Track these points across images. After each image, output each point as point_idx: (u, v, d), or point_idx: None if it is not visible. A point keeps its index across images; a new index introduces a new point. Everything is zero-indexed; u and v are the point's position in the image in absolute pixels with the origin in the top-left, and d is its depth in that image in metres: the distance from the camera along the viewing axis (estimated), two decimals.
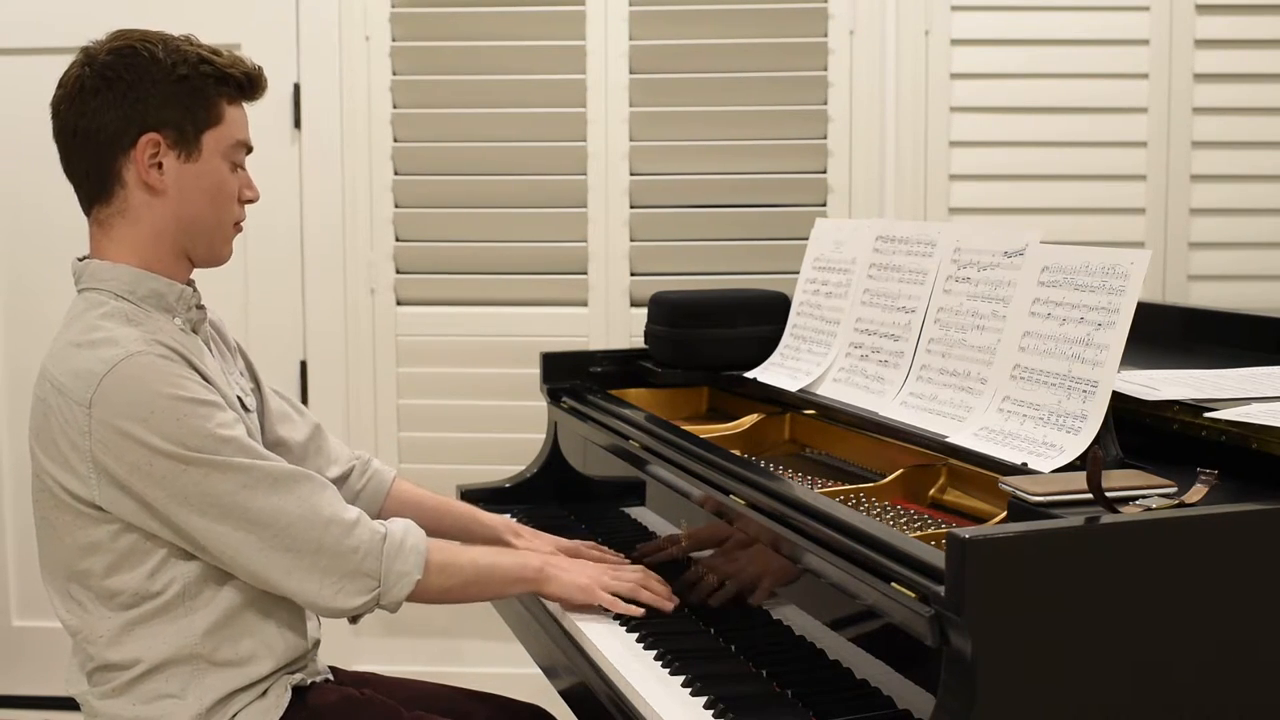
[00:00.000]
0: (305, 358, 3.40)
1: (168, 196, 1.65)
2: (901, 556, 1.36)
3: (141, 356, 1.55)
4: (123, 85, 1.62)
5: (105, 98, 1.62)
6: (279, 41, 3.31)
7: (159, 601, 1.61)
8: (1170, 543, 1.32)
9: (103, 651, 1.62)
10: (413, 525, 1.71)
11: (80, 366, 1.56)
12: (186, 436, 1.54)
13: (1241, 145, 3.23)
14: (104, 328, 1.59)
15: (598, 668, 1.71)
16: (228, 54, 1.69)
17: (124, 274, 1.64)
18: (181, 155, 1.65)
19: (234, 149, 1.69)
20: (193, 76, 1.64)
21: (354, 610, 1.65)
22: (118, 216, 1.65)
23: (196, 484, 1.56)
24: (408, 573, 1.65)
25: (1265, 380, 1.74)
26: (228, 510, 1.57)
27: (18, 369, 3.43)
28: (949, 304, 1.89)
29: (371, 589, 1.64)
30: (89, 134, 1.63)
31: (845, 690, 1.47)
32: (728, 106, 3.26)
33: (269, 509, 1.58)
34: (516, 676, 2.52)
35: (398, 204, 3.36)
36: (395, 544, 1.65)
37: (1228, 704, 1.35)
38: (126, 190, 1.64)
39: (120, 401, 1.53)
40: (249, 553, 1.59)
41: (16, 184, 3.42)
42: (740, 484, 1.72)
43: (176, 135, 1.64)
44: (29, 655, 3.50)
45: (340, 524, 1.62)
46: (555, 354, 2.51)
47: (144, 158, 1.62)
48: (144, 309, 1.63)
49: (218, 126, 1.67)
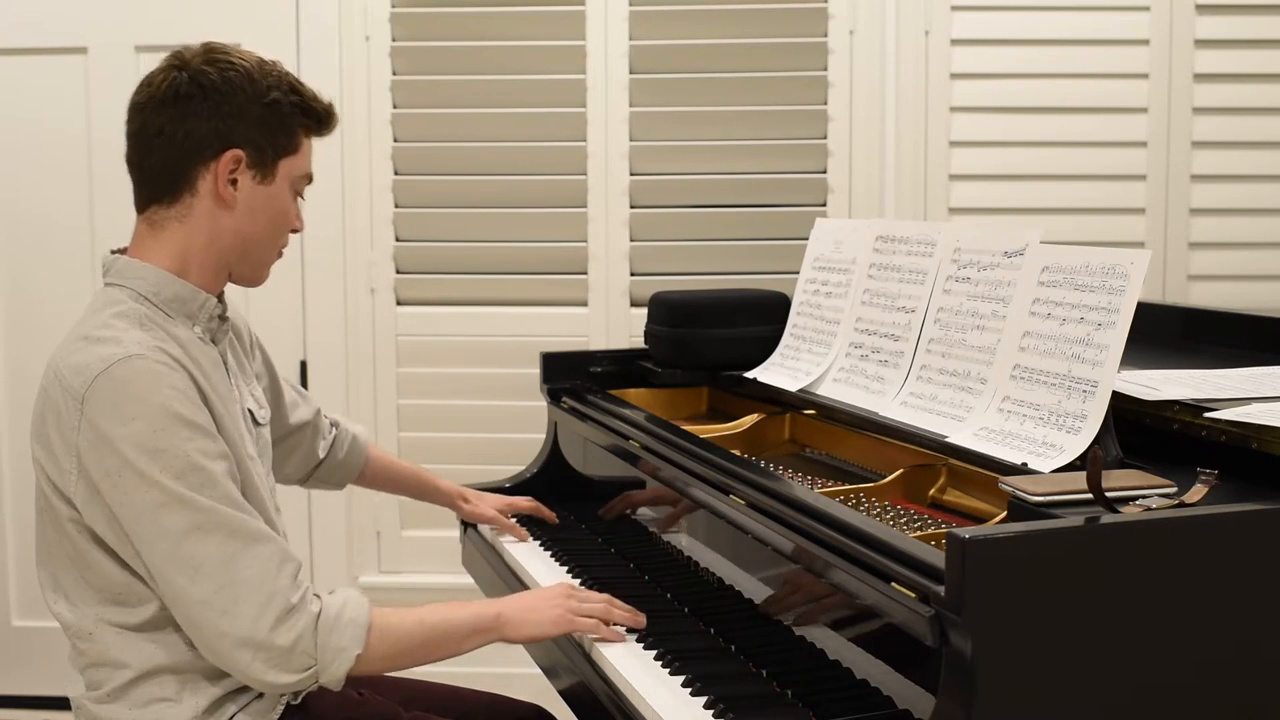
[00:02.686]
0: (305, 358, 3.41)
1: (235, 213, 1.66)
2: (901, 556, 1.36)
3: (139, 360, 1.54)
4: (218, 97, 1.63)
5: (198, 105, 1.63)
6: (279, 41, 3.31)
7: (150, 610, 1.59)
8: (1170, 543, 1.32)
9: (94, 648, 1.61)
10: (353, 595, 1.61)
11: (81, 360, 1.55)
12: (159, 452, 1.51)
13: (1241, 145, 3.23)
14: (113, 326, 1.58)
15: (597, 667, 1.71)
16: (310, 88, 1.72)
17: (151, 275, 1.64)
18: (257, 176, 1.67)
19: (301, 180, 1.73)
20: (282, 103, 1.67)
21: (288, 688, 1.57)
22: (175, 221, 1.66)
23: (152, 510, 1.51)
24: (345, 649, 1.56)
25: (1265, 380, 1.74)
26: (174, 549, 1.51)
27: (18, 369, 3.43)
28: (949, 304, 1.89)
29: (307, 667, 1.54)
30: (173, 137, 1.63)
31: (845, 690, 1.47)
32: (728, 106, 3.27)
33: (216, 559, 1.51)
34: (516, 676, 2.52)
35: (398, 204, 3.36)
36: (330, 619, 1.55)
37: (1228, 704, 1.35)
38: (195, 198, 1.65)
39: (108, 401, 1.52)
40: (186, 602, 1.52)
41: (16, 184, 3.42)
42: (740, 484, 1.72)
43: (257, 156, 1.66)
44: (29, 655, 3.50)
45: (282, 604, 1.53)
46: (555, 354, 2.51)
47: (224, 171, 1.64)
48: (163, 313, 1.63)
49: (294, 155, 1.70)
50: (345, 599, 1.59)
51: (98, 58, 3.33)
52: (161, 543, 1.51)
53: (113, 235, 3.41)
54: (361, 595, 1.62)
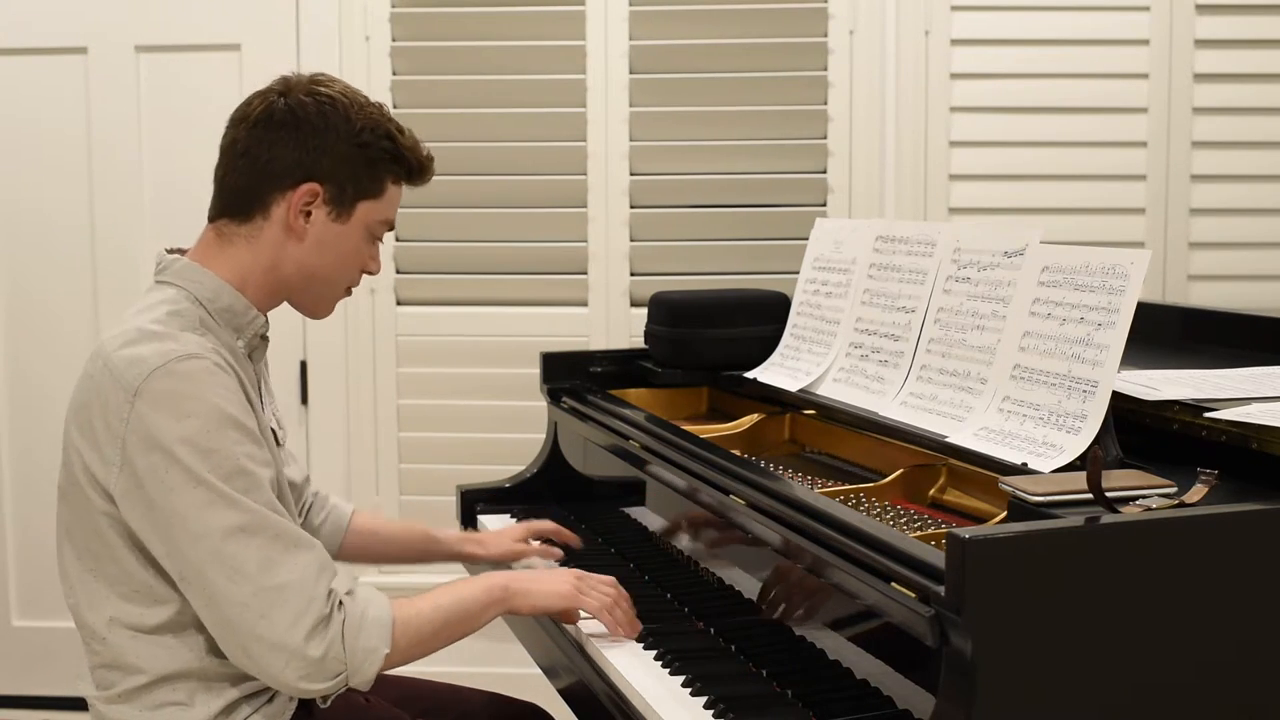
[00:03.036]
0: (305, 358, 3.41)
1: (302, 245, 1.67)
2: (901, 556, 1.36)
3: (199, 360, 1.54)
4: (309, 129, 1.65)
5: (288, 134, 1.64)
6: (279, 41, 3.31)
7: (167, 612, 1.58)
8: (1170, 543, 1.32)
9: (107, 650, 1.61)
10: (373, 593, 1.60)
11: (136, 353, 1.54)
12: (210, 452, 1.51)
13: (1241, 145, 3.23)
14: (169, 323, 1.59)
15: (597, 667, 1.71)
16: (410, 135, 1.73)
17: (210, 281, 1.65)
18: (333, 213, 1.67)
19: (380, 225, 1.73)
20: (373, 146, 1.68)
21: (320, 693, 1.56)
22: (244, 239, 1.67)
23: (197, 508, 1.50)
24: (374, 649, 1.56)
25: (1265, 380, 1.74)
26: (217, 549, 1.50)
27: (18, 369, 3.41)
28: (949, 304, 1.89)
29: (338, 673, 1.54)
30: (257, 160, 1.65)
31: (845, 690, 1.47)
32: (728, 106, 3.26)
33: (257, 562, 1.51)
34: (516, 676, 2.52)
35: None
36: (356, 622, 1.55)
37: (1228, 704, 1.35)
38: (267, 222, 1.66)
39: (164, 396, 1.52)
40: (224, 603, 1.51)
41: (16, 184, 3.42)
42: (740, 484, 1.72)
43: (336, 193, 1.67)
44: (29, 655, 3.49)
45: (317, 614, 1.52)
46: (555, 354, 2.51)
47: (299, 202, 1.65)
48: (214, 320, 1.64)
49: (376, 200, 1.70)
50: (367, 599, 1.59)
51: (98, 58, 3.33)
52: (204, 541, 1.51)
53: (113, 235, 3.44)
54: (377, 591, 1.61)
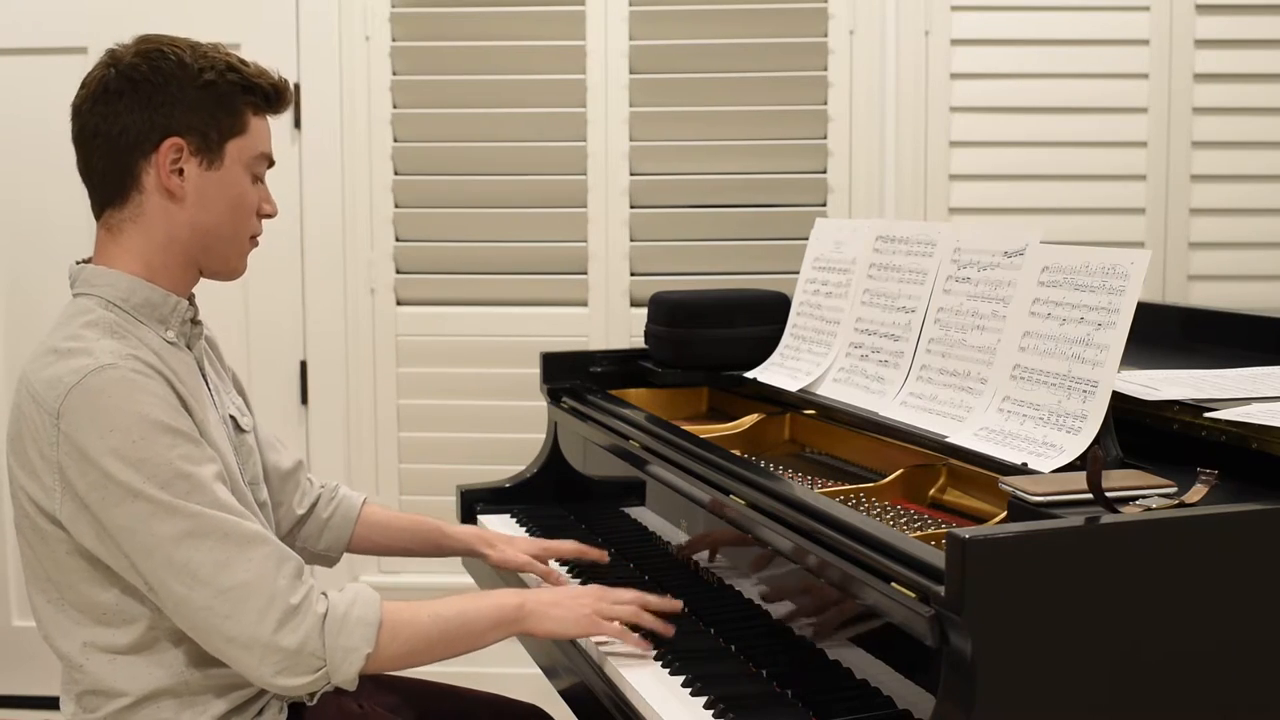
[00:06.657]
0: (305, 358, 3.41)
1: (186, 203, 1.61)
2: (901, 556, 1.36)
3: (113, 370, 1.49)
4: (148, 88, 1.59)
5: (129, 100, 1.59)
6: (279, 41, 3.31)
7: (139, 629, 1.55)
8: (1170, 543, 1.32)
9: (86, 678, 1.58)
10: (364, 591, 1.57)
11: (53, 374, 1.50)
12: (142, 461, 1.46)
13: (1241, 145, 3.23)
14: (84, 337, 1.53)
15: (597, 668, 1.71)
16: (254, 64, 1.66)
17: (119, 281, 1.59)
18: (204, 162, 1.61)
19: (256, 160, 1.66)
20: (219, 83, 1.61)
21: (300, 690, 1.53)
22: (130, 222, 1.61)
23: (142, 520, 1.47)
24: (354, 648, 1.52)
25: (1265, 380, 1.74)
26: (169, 558, 1.47)
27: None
28: (949, 304, 1.89)
29: (316, 668, 1.51)
30: (110, 136, 1.59)
31: (845, 690, 1.47)
32: (728, 106, 3.27)
33: (211, 565, 1.47)
34: (516, 676, 2.52)
35: (398, 204, 3.36)
36: (338, 619, 1.52)
37: (1228, 704, 1.35)
38: (144, 195, 1.60)
39: (84, 414, 1.47)
40: (189, 610, 1.49)
41: (16, 184, 3.43)
42: (740, 484, 1.72)
43: (200, 141, 1.60)
44: (29, 655, 3.49)
45: (283, 606, 1.49)
46: (555, 354, 2.51)
47: (165, 162, 1.59)
48: (134, 319, 1.58)
49: (242, 136, 1.63)
50: (354, 596, 1.55)
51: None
52: (156, 553, 1.48)
53: None
54: (373, 592, 1.58)
